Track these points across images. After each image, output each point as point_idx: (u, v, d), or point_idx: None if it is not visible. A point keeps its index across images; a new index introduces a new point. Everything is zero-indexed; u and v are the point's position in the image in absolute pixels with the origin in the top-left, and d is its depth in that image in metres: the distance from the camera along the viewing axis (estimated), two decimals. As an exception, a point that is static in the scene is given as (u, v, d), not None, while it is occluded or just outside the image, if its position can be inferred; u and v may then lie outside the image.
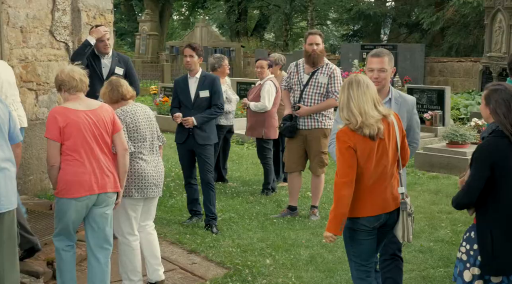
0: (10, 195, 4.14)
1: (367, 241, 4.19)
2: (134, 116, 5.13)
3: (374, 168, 4.07)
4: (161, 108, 16.02)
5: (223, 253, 6.09)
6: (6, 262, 4.20)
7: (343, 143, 4.05)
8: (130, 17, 41.17)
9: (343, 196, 4.03)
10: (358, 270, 4.25)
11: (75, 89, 4.69)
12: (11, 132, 4.26)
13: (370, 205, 4.10)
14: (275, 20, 32.55)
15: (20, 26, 7.30)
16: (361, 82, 4.06)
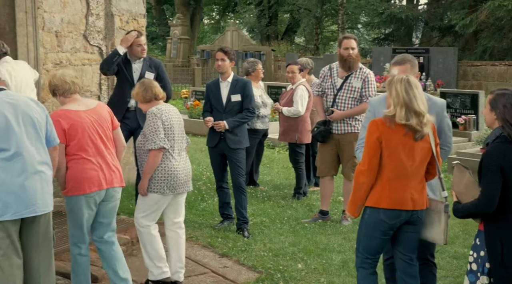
0: (46, 198, 4.19)
1: (380, 240, 4.32)
2: (169, 115, 5.30)
3: (397, 163, 4.19)
4: (192, 111, 16.08)
5: (254, 257, 6.08)
6: (42, 264, 4.25)
7: (371, 133, 4.23)
8: (161, 21, 41.47)
9: (360, 183, 4.27)
10: (363, 261, 4.41)
11: (69, 92, 4.85)
12: (48, 135, 4.31)
13: (388, 198, 4.22)
14: (305, 24, 32.52)
15: (55, 30, 7.40)
16: (411, 81, 4.21)
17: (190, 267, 5.79)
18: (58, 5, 7.42)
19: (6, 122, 4.03)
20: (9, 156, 4.01)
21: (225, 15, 46.14)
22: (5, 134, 4.01)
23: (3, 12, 6.80)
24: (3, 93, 4.16)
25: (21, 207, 4.02)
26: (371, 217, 4.30)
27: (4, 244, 4.00)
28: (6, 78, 5.43)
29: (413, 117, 4.15)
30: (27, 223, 4.13)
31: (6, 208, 3.97)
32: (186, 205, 7.80)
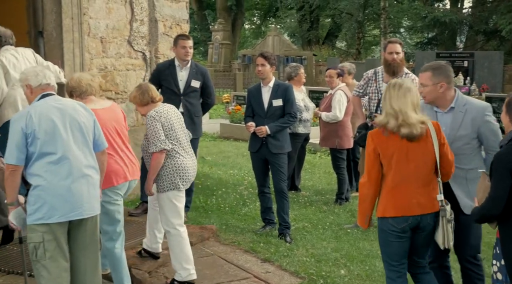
0: (93, 201, 4.24)
1: (397, 243, 4.31)
2: (168, 116, 5.42)
3: (398, 171, 4.22)
4: (234, 116, 16.15)
5: (297, 263, 6.05)
6: (88, 267, 4.30)
7: (367, 145, 4.31)
8: (203, 26, 41.78)
9: (363, 195, 4.38)
10: (389, 269, 4.41)
11: (85, 94, 5.06)
12: (95, 139, 4.38)
13: (393, 205, 4.25)
14: (347, 28, 32.40)
15: (100, 36, 7.51)
16: (403, 85, 4.25)
17: (232, 272, 5.79)
18: (104, 11, 7.53)
19: (54, 126, 4.11)
20: (56, 159, 4.08)
21: (266, 20, 46.24)
22: (52, 138, 4.09)
23: (50, 19, 6.92)
24: (51, 98, 4.25)
25: (67, 210, 4.09)
26: (382, 225, 4.34)
27: (51, 246, 4.07)
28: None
29: (406, 123, 4.15)
30: (74, 225, 4.19)
31: (53, 210, 4.05)
32: (228, 209, 7.87)
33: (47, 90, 4.30)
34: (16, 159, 4.05)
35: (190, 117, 7.12)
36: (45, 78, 4.30)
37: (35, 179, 4.08)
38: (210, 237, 6.65)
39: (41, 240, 4.05)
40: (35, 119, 4.07)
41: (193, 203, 7.59)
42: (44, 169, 4.06)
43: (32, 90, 4.29)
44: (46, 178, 4.05)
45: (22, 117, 4.11)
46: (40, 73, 4.33)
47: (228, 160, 11.93)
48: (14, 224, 4.21)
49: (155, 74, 7.24)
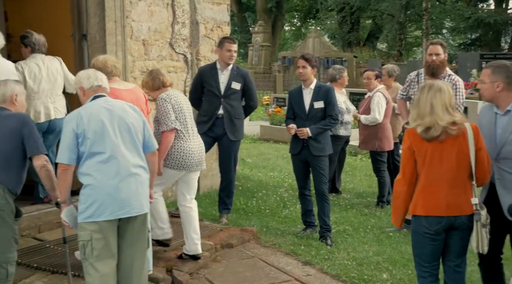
0: (141, 199, 4.30)
1: (430, 246, 4.32)
2: (177, 99, 5.77)
3: (429, 170, 4.23)
4: (274, 118, 16.13)
5: (338, 266, 6.00)
6: (135, 264, 4.35)
7: (404, 142, 4.38)
8: (243, 28, 41.89)
9: (397, 192, 4.41)
10: (420, 270, 4.44)
11: (110, 74, 5.33)
12: (145, 140, 4.44)
13: (423, 204, 4.27)
14: (388, 30, 32.11)
15: (142, 39, 7.58)
16: (434, 85, 4.29)
17: (273, 274, 5.78)
18: (146, 14, 7.60)
19: (102, 126, 4.20)
20: (104, 159, 4.17)
21: (306, 22, 46.13)
22: (101, 138, 4.18)
23: (93, 22, 7.01)
24: (102, 99, 4.36)
25: (116, 208, 4.16)
26: (416, 225, 4.35)
27: (99, 245, 4.14)
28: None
29: (426, 123, 4.21)
30: (123, 223, 4.25)
31: (103, 209, 4.13)
32: (269, 212, 7.86)
33: (99, 92, 4.40)
34: (67, 158, 4.16)
35: (230, 119, 7.14)
36: (96, 80, 4.41)
37: (86, 179, 4.18)
38: (250, 239, 6.64)
39: (89, 238, 4.13)
40: (85, 120, 4.17)
41: (233, 205, 7.60)
42: (93, 168, 4.16)
43: (85, 92, 4.40)
44: (96, 177, 4.14)
45: (73, 117, 4.22)
46: (92, 75, 4.43)
47: (268, 162, 11.92)
48: (66, 222, 4.32)
49: (198, 77, 7.29)
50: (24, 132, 4.37)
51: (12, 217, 4.33)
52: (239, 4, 40.97)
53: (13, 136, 4.34)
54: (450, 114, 4.22)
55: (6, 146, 4.31)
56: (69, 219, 4.30)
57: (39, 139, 4.46)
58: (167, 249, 5.91)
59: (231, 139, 7.18)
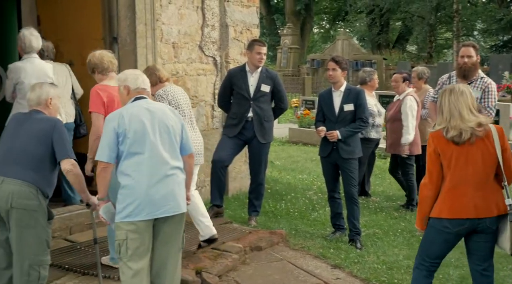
0: (179, 199, 4.35)
1: (441, 246, 4.36)
2: (175, 95, 5.85)
3: (455, 173, 4.23)
4: (302, 121, 16.09)
5: (368, 270, 5.95)
6: (168, 263, 4.39)
7: (428, 146, 4.37)
8: (272, 31, 41.89)
9: (422, 196, 4.39)
10: (419, 262, 4.47)
11: (106, 71, 5.43)
12: (183, 143, 4.49)
13: (449, 207, 4.25)
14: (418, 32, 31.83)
15: (172, 42, 7.62)
16: (455, 89, 4.33)
17: (302, 278, 5.76)
18: (176, 17, 7.64)
19: (143, 127, 4.26)
20: (143, 159, 4.24)
21: (335, 24, 45.96)
22: (140, 138, 4.24)
23: (124, 25, 7.07)
24: (143, 101, 4.42)
25: (153, 208, 4.22)
26: (435, 224, 4.34)
27: (134, 244, 4.20)
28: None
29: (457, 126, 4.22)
30: (159, 222, 4.30)
31: (140, 209, 4.19)
32: (298, 214, 7.84)
33: (142, 94, 4.46)
34: (107, 156, 4.23)
35: (259, 122, 7.13)
36: (143, 83, 4.49)
37: (124, 178, 4.25)
38: (279, 242, 6.63)
39: (125, 238, 4.20)
40: (127, 119, 4.24)
41: (262, 208, 7.59)
42: (132, 168, 4.22)
43: (129, 92, 4.46)
44: (134, 177, 4.21)
45: (115, 117, 4.29)
46: (139, 77, 4.50)
47: (297, 165, 11.90)
48: (104, 218, 4.40)
49: (227, 79, 7.30)
50: (54, 136, 4.42)
51: (45, 219, 4.38)
52: (268, 7, 40.98)
53: (44, 139, 4.40)
54: (475, 116, 4.25)
55: (38, 149, 4.36)
56: (106, 215, 4.38)
57: (68, 143, 4.51)
58: (196, 251, 5.93)
59: (261, 142, 7.17)
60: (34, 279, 4.32)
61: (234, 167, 8.14)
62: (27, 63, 6.20)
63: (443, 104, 4.32)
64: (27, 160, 4.32)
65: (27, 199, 4.26)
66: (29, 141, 4.37)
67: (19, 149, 4.36)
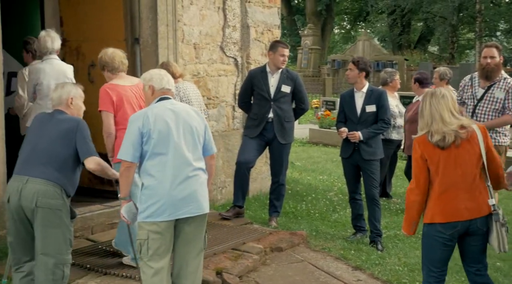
0: (201, 200, 4.37)
1: (441, 250, 4.34)
2: (186, 91, 6.04)
3: (444, 177, 4.25)
4: (323, 121, 16.05)
5: (389, 272, 5.92)
6: (190, 263, 4.40)
7: (414, 152, 4.37)
8: (292, 31, 41.84)
9: (410, 202, 4.41)
10: (428, 275, 4.44)
11: (116, 70, 5.52)
12: (205, 144, 4.51)
13: (441, 211, 4.26)
14: (440, 32, 31.62)
15: (193, 42, 7.64)
16: (436, 92, 4.34)
17: (323, 279, 5.74)
18: (197, 18, 7.66)
19: (167, 128, 4.28)
20: (166, 160, 4.25)
21: (356, 25, 45.80)
22: (164, 139, 4.26)
23: (146, 26, 7.11)
24: (168, 101, 4.44)
25: (176, 209, 4.24)
26: (429, 230, 4.36)
27: (155, 244, 4.23)
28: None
29: (439, 130, 4.24)
30: (181, 222, 4.32)
31: (162, 209, 4.21)
32: (318, 216, 7.82)
33: (167, 94, 4.48)
34: (131, 156, 4.26)
35: (280, 123, 7.13)
36: (168, 83, 4.50)
37: (147, 179, 4.27)
38: (300, 243, 6.61)
39: (146, 237, 4.23)
40: (151, 120, 4.26)
41: (283, 209, 7.58)
42: (155, 169, 4.25)
43: (154, 92, 4.47)
44: (157, 178, 4.24)
45: (139, 116, 4.32)
46: (164, 77, 4.51)
47: (318, 166, 11.87)
48: (125, 218, 4.42)
49: (248, 80, 7.30)
50: (77, 136, 4.45)
51: (68, 218, 4.41)
52: (289, 7, 40.93)
53: (67, 139, 4.42)
54: (457, 118, 4.29)
55: (61, 149, 4.40)
56: (127, 215, 4.41)
57: (91, 142, 4.54)
58: (217, 252, 5.94)
59: (281, 142, 7.16)
60: (58, 278, 4.36)
61: (255, 168, 8.13)
62: (46, 64, 6.27)
63: (424, 108, 4.35)
64: (51, 160, 4.36)
65: (51, 198, 4.30)
66: (52, 141, 4.41)
67: (43, 149, 4.39)
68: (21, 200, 4.30)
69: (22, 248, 4.47)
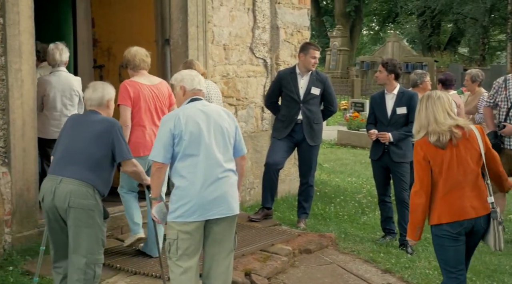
0: (231, 201, 4.37)
1: (453, 248, 4.33)
2: (207, 88, 5.96)
3: (448, 177, 4.28)
4: (351, 123, 15.97)
5: (419, 275, 5.86)
6: (219, 263, 4.40)
7: (416, 154, 4.38)
8: (321, 32, 41.71)
9: (414, 205, 4.40)
10: (448, 277, 4.41)
11: (138, 68, 5.72)
12: (236, 145, 4.51)
13: (447, 212, 4.27)
14: (471, 34, 31.26)
15: (223, 44, 7.65)
16: (432, 95, 4.41)
17: (352, 282, 5.71)
18: (227, 19, 7.67)
19: (199, 129, 4.30)
20: (197, 161, 4.27)
21: (384, 26, 45.53)
22: (196, 140, 4.28)
23: (177, 27, 7.14)
24: (199, 102, 4.45)
25: (206, 210, 4.26)
26: (437, 231, 4.37)
27: (184, 244, 4.25)
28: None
29: (435, 130, 4.28)
30: (210, 224, 4.33)
31: (192, 210, 4.24)
32: (347, 218, 7.77)
33: (197, 95, 4.49)
34: (163, 157, 4.28)
35: (309, 124, 7.10)
36: (199, 84, 4.52)
37: (178, 179, 4.30)
38: (329, 245, 6.58)
39: (175, 237, 4.26)
40: (183, 121, 4.28)
41: (311, 211, 7.55)
42: (186, 170, 4.27)
43: (185, 92, 4.49)
44: (188, 179, 4.26)
45: (171, 118, 4.33)
46: (195, 78, 4.53)
47: (346, 168, 11.81)
48: (156, 217, 4.46)
49: (277, 81, 7.28)
50: (114, 137, 4.48)
51: (101, 218, 4.44)
52: (317, 9, 40.82)
53: (102, 140, 4.46)
54: (453, 119, 4.33)
55: (96, 150, 4.43)
56: (158, 215, 4.44)
57: (126, 144, 4.58)
58: (245, 253, 5.93)
59: (310, 144, 7.14)
60: (90, 278, 4.39)
61: (284, 169, 8.11)
62: (53, 77, 6.49)
63: (421, 110, 4.39)
64: (85, 160, 4.39)
65: (84, 198, 4.33)
66: (86, 142, 4.44)
67: (77, 150, 4.43)
68: (54, 200, 4.35)
69: (57, 246, 4.52)
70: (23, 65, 5.59)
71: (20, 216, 5.64)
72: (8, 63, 5.48)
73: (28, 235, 5.70)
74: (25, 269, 5.33)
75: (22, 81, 5.59)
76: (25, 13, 5.59)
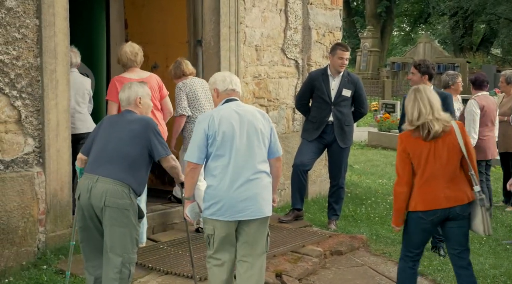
0: (262, 203, 4.37)
1: (420, 235, 4.68)
2: (192, 87, 6.43)
3: (426, 169, 4.54)
4: (382, 124, 15.86)
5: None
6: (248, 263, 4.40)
7: (398, 146, 4.67)
8: (351, 33, 41.50)
9: (397, 193, 4.67)
10: (405, 254, 4.78)
11: (126, 65, 6.02)
12: (271, 146, 4.51)
13: (422, 201, 4.57)
14: (505, 34, 30.82)
15: (255, 44, 7.66)
16: (420, 89, 4.64)
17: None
18: (259, 20, 7.68)
19: (232, 130, 4.32)
20: (229, 162, 4.30)
21: (416, 27, 45.13)
22: (229, 141, 4.30)
23: (209, 28, 7.17)
24: (234, 103, 4.46)
25: (235, 211, 4.29)
26: (412, 216, 4.65)
27: (219, 239, 4.34)
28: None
29: (425, 123, 4.50)
30: (242, 225, 4.36)
31: (222, 210, 4.28)
32: (378, 219, 7.72)
33: (232, 96, 4.50)
34: (197, 158, 4.33)
35: (340, 126, 7.06)
36: (231, 83, 4.51)
37: (210, 179, 4.35)
38: (360, 246, 6.54)
39: (212, 232, 4.35)
40: (217, 122, 4.31)
41: (342, 212, 7.52)
42: (218, 170, 4.30)
43: (219, 94, 4.51)
44: (219, 179, 4.29)
45: (205, 119, 4.37)
46: (227, 78, 4.54)
47: (377, 169, 11.74)
48: (189, 217, 4.51)
49: (308, 82, 7.25)
50: (150, 135, 4.51)
51: (136, 217, 4.48)
52: (348, 9, 40.61)
53: (138, 139, 4.49)
54: (438, 113, 4.55)
55: (131, 149, 4.46)
56: (191, 214, 4.49)
57: (163, 141, 4.60)
58: (276, 254, 5.93)
59: (341, 146, 7.10)
60: (125, 277, 4.42)
61: (314, 171, 8.10)
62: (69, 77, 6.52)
63: (407, 103, 4.61)
64: (120, 160, 4.43)
65: (119, 198, 4.37)
66: (122, 141, 4.48)
67: (113, 149, 4.47)
68: (91, 198, 4.39)
69: (89, 244, 4.57)
70: (58, 66, 5.66)
71: (54, 216, 5.72)
72: (43, 64, 5.55)
73: (62, 234, 5.76)
74: (59, 268, 5.40)
75: (57, 82, 5.66)
76: (61, 14, 5.66)
